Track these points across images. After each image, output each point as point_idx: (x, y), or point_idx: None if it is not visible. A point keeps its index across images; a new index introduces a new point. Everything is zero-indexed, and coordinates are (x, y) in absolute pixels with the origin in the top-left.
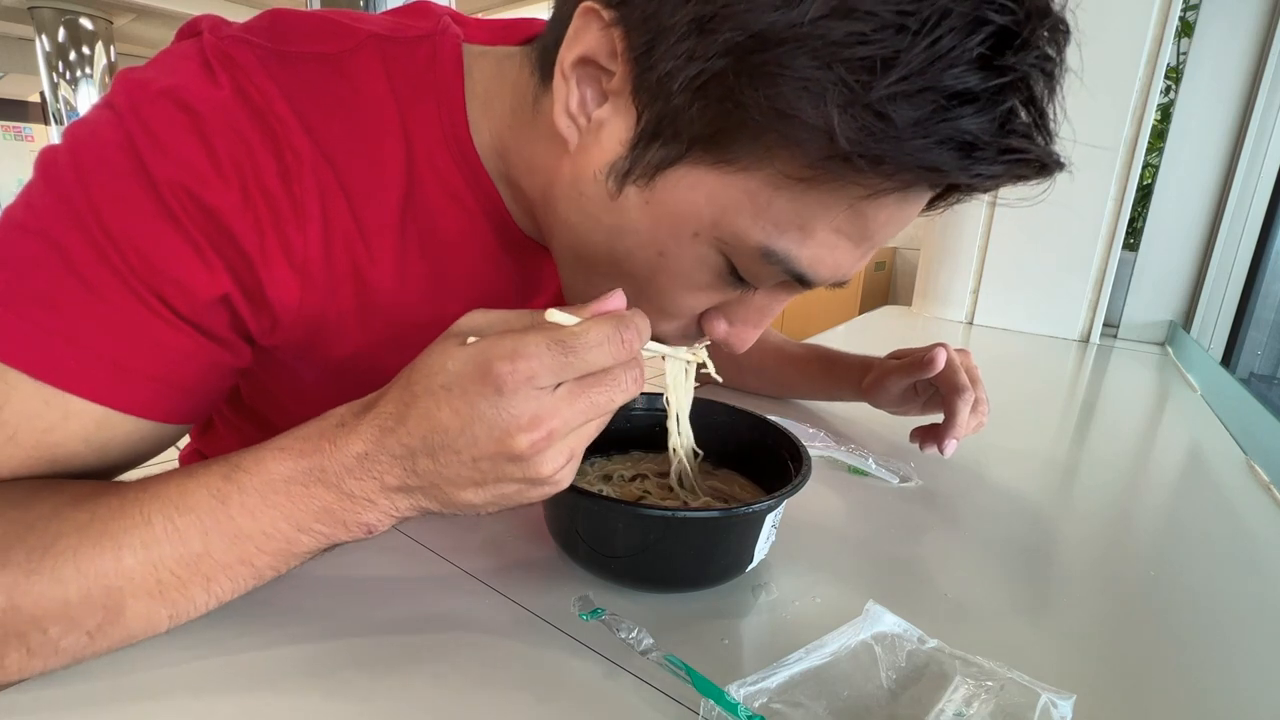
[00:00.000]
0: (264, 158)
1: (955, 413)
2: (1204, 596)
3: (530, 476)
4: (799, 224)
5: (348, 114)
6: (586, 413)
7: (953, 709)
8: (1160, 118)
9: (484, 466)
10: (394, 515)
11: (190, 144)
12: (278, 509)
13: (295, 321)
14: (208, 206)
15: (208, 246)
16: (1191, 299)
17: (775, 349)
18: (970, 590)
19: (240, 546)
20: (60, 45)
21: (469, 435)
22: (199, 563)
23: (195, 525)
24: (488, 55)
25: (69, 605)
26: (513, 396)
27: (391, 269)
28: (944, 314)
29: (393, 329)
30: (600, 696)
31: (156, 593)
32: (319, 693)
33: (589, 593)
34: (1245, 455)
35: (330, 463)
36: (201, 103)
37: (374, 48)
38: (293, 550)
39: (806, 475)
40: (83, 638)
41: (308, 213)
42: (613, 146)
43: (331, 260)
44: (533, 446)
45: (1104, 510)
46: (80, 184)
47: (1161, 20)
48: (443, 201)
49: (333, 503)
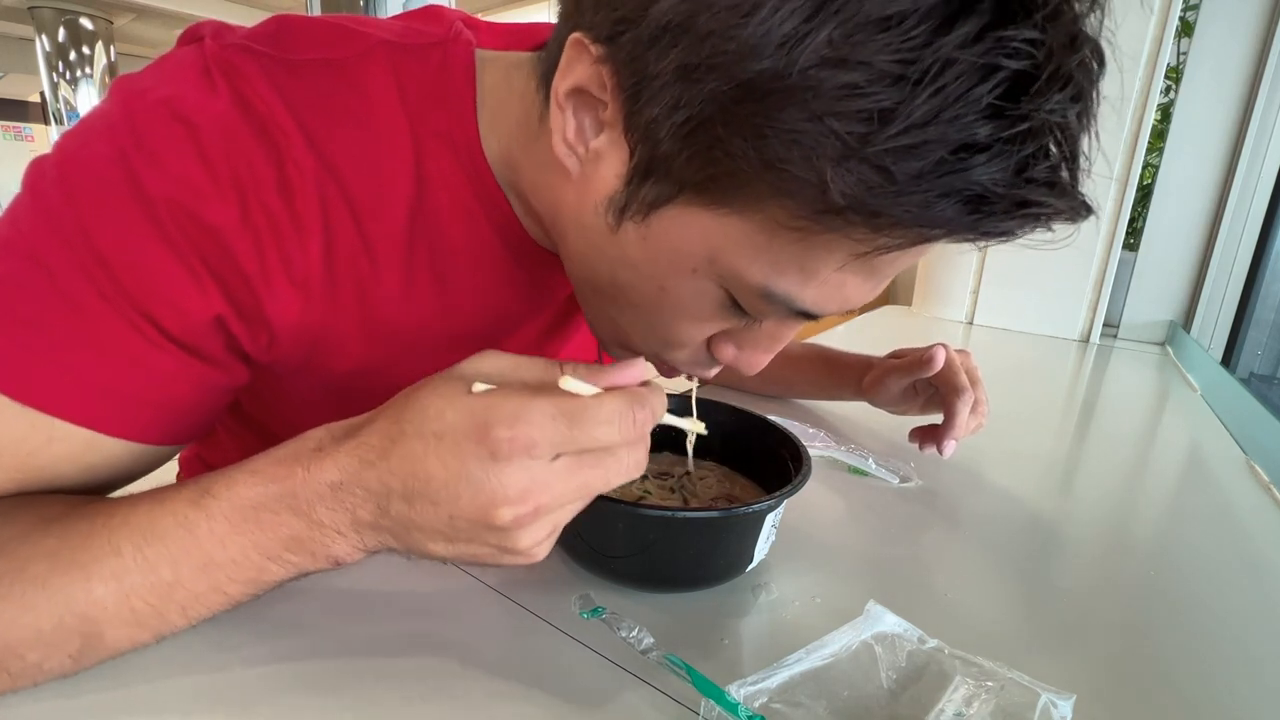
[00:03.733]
0: (264, 171)
1: (954, 413)
2: (1204, 596)
3: (506, 547)
4: (799, 267)
5: (355, 124)
6: (579, 491)
7: (953, 709)
8: (1160, 118)
9: (460, 526)
10: (362, 550)
11: (187, 158)
12: (246, 536)
13: (295, 338)
14: (205, 224)
15: (202, 267)
16: (1191, 299)
17: None
18: (970, 590)
19: (210, 575)
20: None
21: (451, 492)
22: (171, 592)
23: (164, 555)
24: (498, 62)
25: (42, 633)
26: (506, 464)
27: (398, 283)
28: (944, 314)
29: (398, 344)
30: (600, 696)
31: (133, 621)
32: (317, 692)
33: (589, 592)
34: (1245, 455)
35: (302, 489)
36: (199, 114)
37: (384, 55)
38: (263, 579)
39: (806, 475)
40: (66, 660)
41: (309, 228)
42: (610, 179)
43: (334, 275)
44: (516, 520)
45: (1104, 510)
46: (69, 201)
47: (1161, 20)
48: (452, 214)
49: (302, 531)
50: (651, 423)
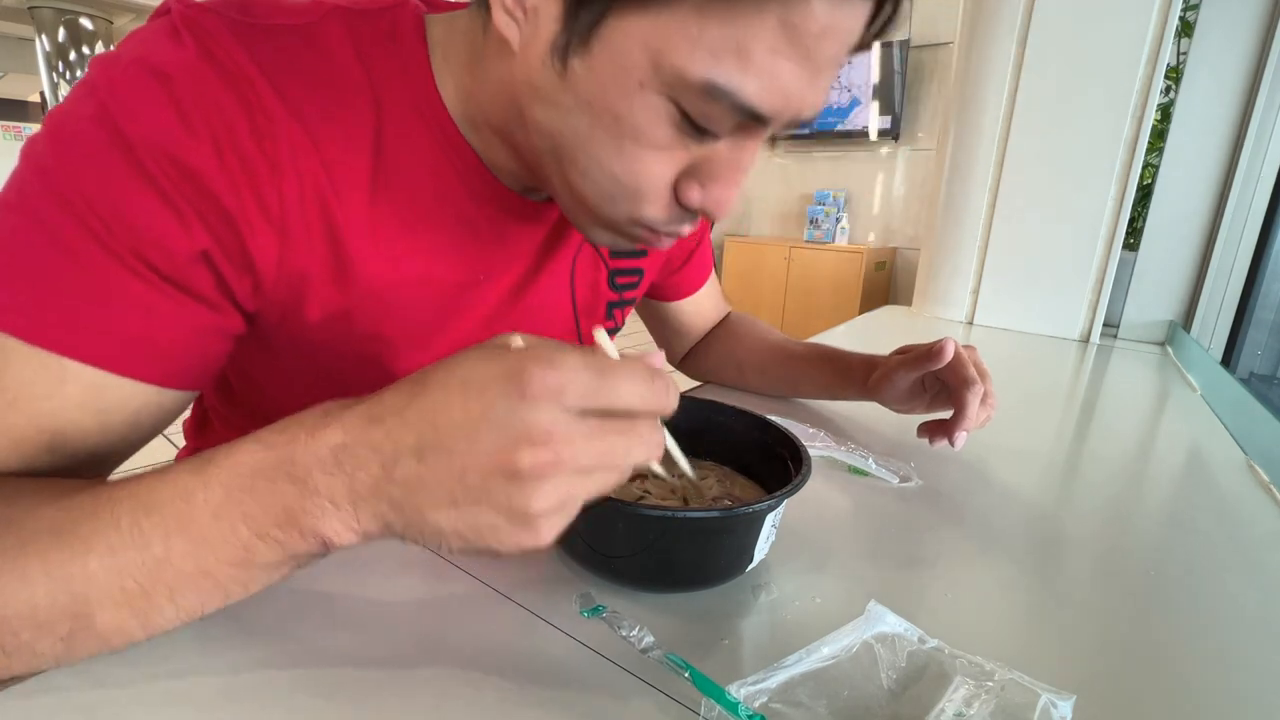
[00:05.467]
0: (235, 116)
1: (965, 405)
2: (1204, 596)
3: (516, 507)
4: (734, 48)
5: (317, 79)
6: (600, 456)
7: (953, 709)
8: (1160, 118)
9: (471, 481)
10: (354, 529)
11: (161, 106)
12: (239, 507)
13: (277, 281)
14: (184, 166)
15: (185, 205)
16: (1191, 299)
17: (778, 348)
18: (970, 590)
19: (200, 554)
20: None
21: (471, 436)
22: (160, 570)
23: (158, 527)
24: (444, 19)
25: (36, 610)
26: (534, 404)
27: (364, 226)
28: (944, 314)
29: (367, 289)
30: (600, 696)
31: (123, 602)
32: (316, 692)
33: (590, 590)
34: (1245, 455)
35: (302, 454)
36: (169, 65)
37: (339, 18)
38: (252, 560)
39: (806, 475)
40: (57, 644)
41: (281, 169)
42: (550, 26)
43: (307, 216)
44: (534, 468)
45: (1104, 510)
46: (58, 158)
47: (1161, 20)
48: (413, 160)
49: (294, 501)
50: (670, 394)
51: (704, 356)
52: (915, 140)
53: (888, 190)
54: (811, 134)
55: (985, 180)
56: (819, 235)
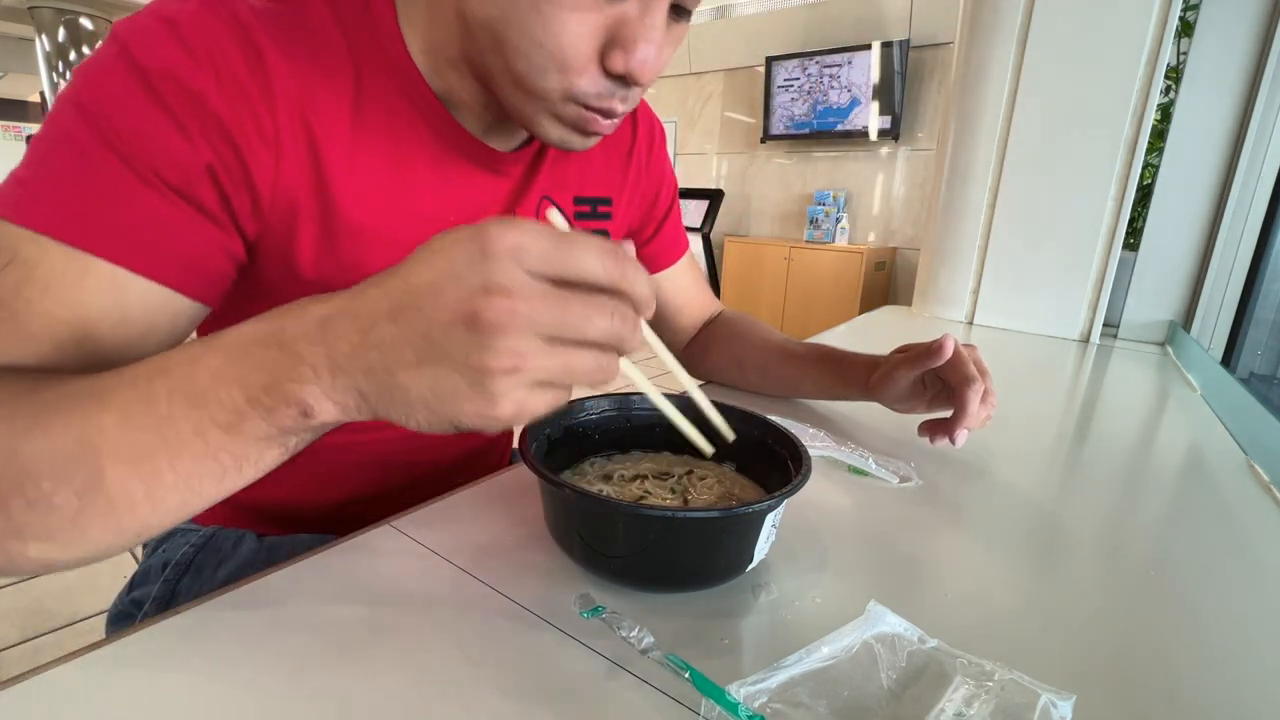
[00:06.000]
0: (233, 52)
1: (966, 402)
2: (1204, 596)
3: (474, 363)
4: None
5: (304, 39)
6: (559, 319)
7: (953, 709)
8: (1160, 118)
9: (435, 336)
10: (332, 400)
11: (171, 44)
12: (234, 369)
13: (272, 203)
14: (189, 89)
15: (191, 123)
16: (1191, 299)
17: (779, 348)
18: (970, 590)
19: (197, 415)
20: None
21: (438, 291)
22: (163, 429)
23: (165, 386)
24: None
25: (55, 458)
26: (495, 259)
27: (344, 163)
28: (944, 314)
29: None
30: (600, 696)
31: (130, 459)
32: (315, 692)
33: (589, 591)
34: (1245, 455)
35: (293, 324)
36: (179, 14)
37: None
38: (242, 427)
39: (806, 475)
40: (72, 498)
41: (274, 97)
42: None
43: (296, 142)
44: (493, 319)
45: (1104, 510)
46: (86, 88)
47: (1161, 20)
48: (385, 110)
49: (281, 367)
50: (635, 274)
51: (704, 356)
52: (915, 140)
53: (888, 190)
54: (811, 134)
55: (985, 180)
56: (819, 235)
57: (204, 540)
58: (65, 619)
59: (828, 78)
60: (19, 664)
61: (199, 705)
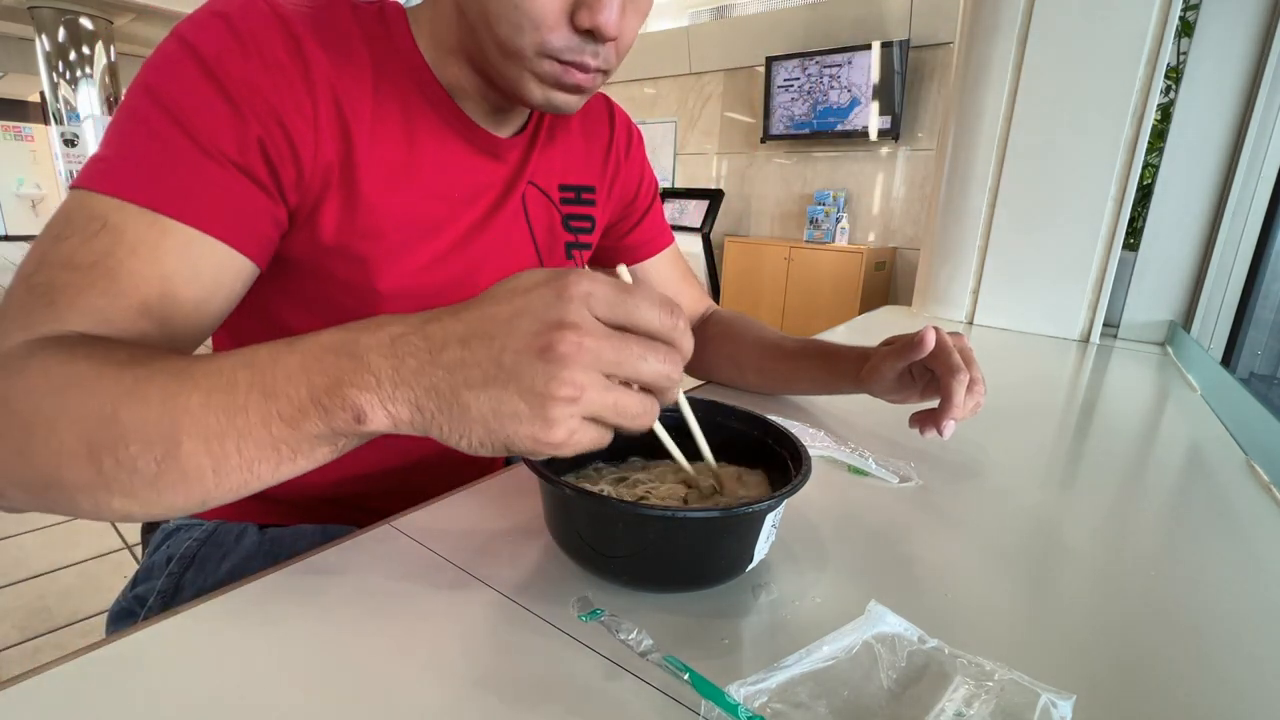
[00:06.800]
0: (275, 39)
1: (951, 393)
2: (1204, 596)
3: (540, 388)
4: None
5: (331, 34)
6: (620, 361)
7: (953, 709)
8: (1160, 118)
9: (506, 361)
10: (387, 410)
11: (224, 32)
12: (305, 372)
13: (312, 172)
14: (241, 72)
15: (242, 102)
16: (1191, 299)
17: (774, 346)
18: (970, 590)
19: (266, 406)
20: (60, 45)
21: (513, 323)
22: (236, 417)
23: (246, 378)
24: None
25: (146, 425)
26: (569, 301)
27: (368, 142)
28: (944, 314)
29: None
30: (600, 697)
31: (205, 437)
32: (315, 692)
33: (588, 593)
34: (1245, 455)
35: (367, 338)
36: (231, 9)
37: (344, 4)
38: (301, 423)
39: (806, 475)
40: (151, 464)
41: (312, 80)
42: None
43: (330, 121)
44: (563, 351)
45: (1104, 510)
46: (154, 76)
47: (1161, 20)
48: (400, 102)
49: (347, 373)
50: (683, 323)
51: (701, 356)
52: (915, 140)
53: (888, 190)
54: (811, 134)
55: (985, 180)
56: (819, 235)
57: (206, 535)
58: (65, 619)
59: (828, 78)
60: (19, 664)
61: (199, 705)
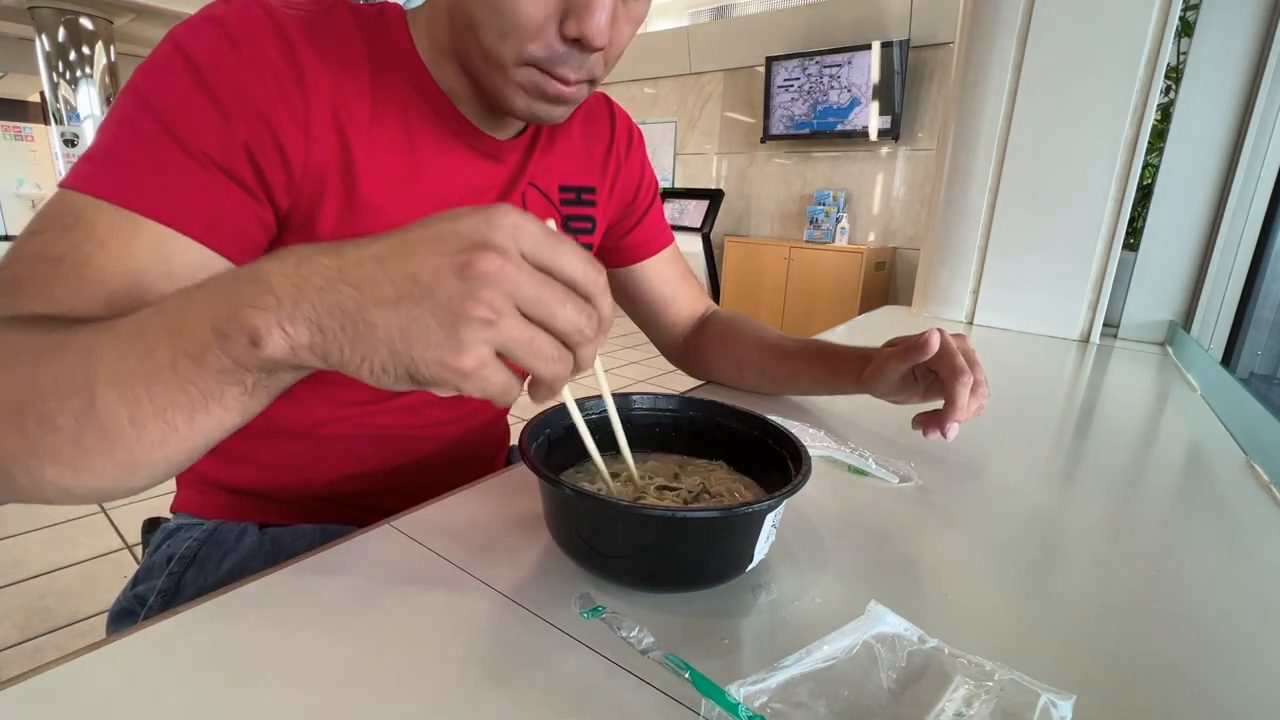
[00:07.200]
0: (270, 45)
1: (955, 396)
2: (1204, 596)
3: (454, 307)
4: None
5: (329, 38)
6: (539, 298)
7: (953, 709)
8: (1160, 118)
9: (423, 276)
10: (285, 332)
11: (219, 38)
12: (209, 300)
13: (304, 176)
14: (232, 78)
15: (233, 108)
16: (1191, 299)
17: (774, 346)
18: (970, 590)
19: (172, 344)
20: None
21: (434, 243)
22: (145, 359)
23: (157, 320)
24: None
25: (58, 381)
26: (497, 230)
27: (366, 145)
28: (944, 314)
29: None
30: (600, 696)
31: (117, 382)
32: (314, 691)
33: (589, 591)
34: (1245, 455)
35: (273, 261)
36: (225, 15)
37: (345, 8)
38: (205, 358)
39: (806, 475)
40: (70, 419)
41: (306, 85)
42: None
43: (325, 125)
44: (485, 268)
45: (1104, 510)
46: (146, 80)
47: (1161, 20)
48: (399, 103)
49: (247, 295)
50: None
51: (701, 357)
52: (915, 140)
53: (888, 190)
54: (811, 134)
55: (985, 180)
56: (819, 235)
57: (207, 534)
58: (65, 619)
59: (828, 78)
60: (19, 664)
61: (198, 705)
